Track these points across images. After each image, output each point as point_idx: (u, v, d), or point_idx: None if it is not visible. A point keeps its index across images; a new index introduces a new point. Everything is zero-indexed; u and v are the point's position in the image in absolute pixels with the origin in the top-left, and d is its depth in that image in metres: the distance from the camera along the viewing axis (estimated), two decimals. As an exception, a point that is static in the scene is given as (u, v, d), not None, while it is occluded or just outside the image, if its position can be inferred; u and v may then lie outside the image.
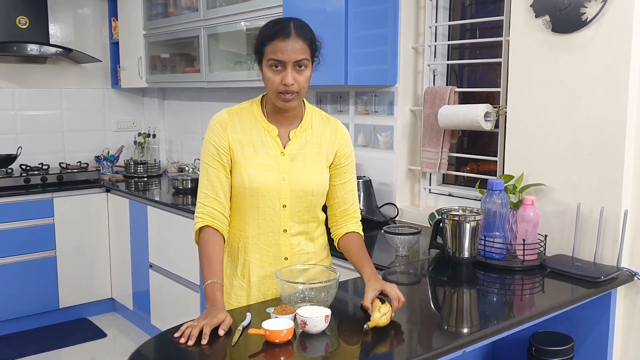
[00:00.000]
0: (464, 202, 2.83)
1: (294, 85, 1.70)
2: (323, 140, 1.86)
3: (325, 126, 1.88)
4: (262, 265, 1.86)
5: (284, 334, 1.43)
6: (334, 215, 1.93)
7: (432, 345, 1.52)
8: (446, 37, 2.97)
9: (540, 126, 2.23)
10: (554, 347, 1.95)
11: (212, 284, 1.65)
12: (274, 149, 1.81)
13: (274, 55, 1.68)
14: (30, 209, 3.97)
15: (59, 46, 4.24)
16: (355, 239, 1.89)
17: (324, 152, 1.85)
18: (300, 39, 1.69)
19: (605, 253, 2.09)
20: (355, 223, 1.92)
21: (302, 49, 1.69)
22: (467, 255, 2.08)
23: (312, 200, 1.84)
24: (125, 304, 4.22)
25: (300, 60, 1.69)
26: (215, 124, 1.82)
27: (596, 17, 2.03)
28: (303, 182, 1.81)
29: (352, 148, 1.93)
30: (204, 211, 1.80)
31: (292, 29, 1.68)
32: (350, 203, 1.91)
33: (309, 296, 1.64)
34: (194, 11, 3.75)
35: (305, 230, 1.88)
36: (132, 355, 1.43)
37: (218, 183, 1.80)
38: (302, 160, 1.82)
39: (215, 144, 1.79)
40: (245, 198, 1.80)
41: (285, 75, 1.69)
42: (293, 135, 1.83)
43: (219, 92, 4.22)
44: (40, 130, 4.52)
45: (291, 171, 1.80)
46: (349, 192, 1.91)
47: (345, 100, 3.24)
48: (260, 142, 1.80)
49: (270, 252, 1.85)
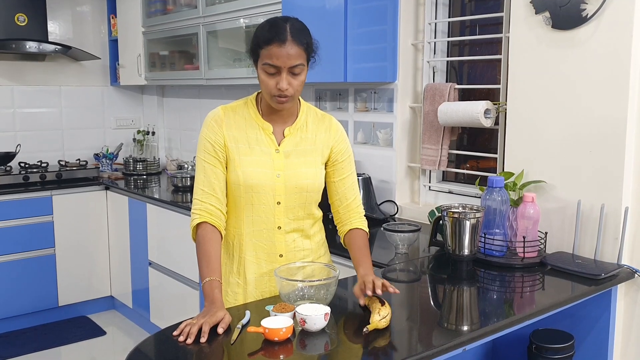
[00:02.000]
0: (464, 199, 2.82)
1: (289, 89, 1.70)
2: (318, 137, 1.87)
3: (319, 124, 1.89)
4: (258, 263, 1.86)
5: (283, 332, 1.43)
6: (337, 212, 1.93)
7: (432, 343, 1.51)
8: (446, 33, 2.96)
9: (540, 123, 2.23)
10: (554, 345, 1.94)
11: (211, 282, 1.65)
12: (269, 146, 1.82)
13: (269, 60, 1.68)
14: (30, 206, 3.96)
15: (57, 43, 4.23)
16: (357, 236, 1.89)
17: (319, 149, 1.86)
18: (296, 44, 1.67)
19: (605, 250, 2.08)
20: (358, 219, 1.92)
21: (298, 55, 1.68)
22: (467, 253, 2.07)
23: (307, 197, 1.84)
24: (125, 301, 4.21)
25: (295, 66, 1.69)
26: (211, 120, 1.82)
27: (596, 14, 2.02)
28: (298, 178, 1.81)
29: (349, 144, 1.94)
30: (201, 207, 1.79)
31: (288, 34, 1.66)
32: (352, 198, 1.92)
33: (308, 294, 1.64)
34: (193, 8, 3.75)
35: (300, 227, 1.88)
36: (132, 353, 1.42)
37: (215, 179, 1.80)
38: (297, 157, 1.83)
39: (211, 141, 1.80)
40: (240, 195, 1.81)
41: (279, 80, 1.69)
42: (288, 132, 1.84)
43: (218, 90, 4.21)
44: (39, 127, 4.52)
45: (286, 168, 1.81)
46: (350, 188, 1.92)
47: (345, 98, 3.23)
48: (255, 139, 1.81)
49: (265, 249, 1.85)
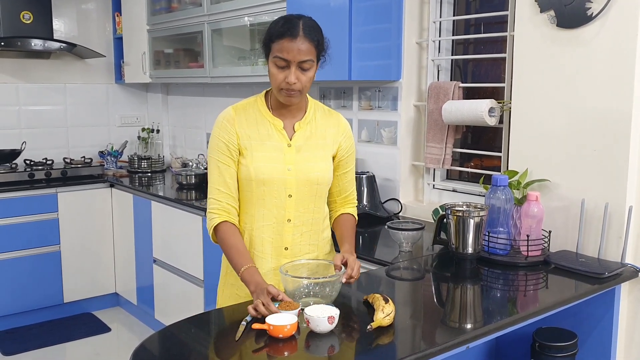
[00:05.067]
0: (468, 197, 2.82)
1: (297, 84, 1.74)
2: (328, 132, 1.92)
3: (328, 119, 1.94)
4: (264, 257, 1.88)
5: (288, 329, 1.44)
6: (334, 201, 2.02)
7: (436, 341, 1.52)
8: (450, 32, 2.96)
9: (544, 122, 2.23)
10: (557, 343, 1.95)
11: (248, 269, 1.72)
12: (281, 141, 1.85)
13: (279, 54, 1.72)
14: (35, 204, 3.98)
15: (62, 41, 4.24)
16: (347, 219, 1.99)
17: (329, 144, 1.92)
18: (307, 40, 1.72)
19: (609, 249, 2.08)
20: (352, 207, 2.03)
21: (308, 50, 1.72)
22: (470, 251, 2.08)
23: (317, 190, 1.88)
24: (129, 298, 4.23)
25: (304, 61, 1.73)
26: (223, 120, 1.86)
27: (602, 12, 2.02)
28: (309, 171, 1.86)
29: (353, 140, 2.01)
30: (219, 206, 1.84)
31: (300, 30, 1.71)
32: (350, 191, 2.02)
33: (313, 291, 1.65)
34: (198, 6, 3.75)
35: (309, 220, 1.90)
36: (136, 350, 1.43)
37: (230, 178, 1.84)
38: (308, 150, 1.87)
39: (225, 140, 1.84)
40: (252, 190, 1.84)
41: (288, 74, 1.73)
42: (298, 127, 1.88)
43: (223, 88, 4.22)
44: (44, 125, 4.53)
45: (297, 161, 1.85)
46: (350, 181, 2.02)
47: (349, 96, 3.23)
48: (266, 135, 1.85)
49: (272, 242, 1.88)
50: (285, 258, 1.87)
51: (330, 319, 1.47)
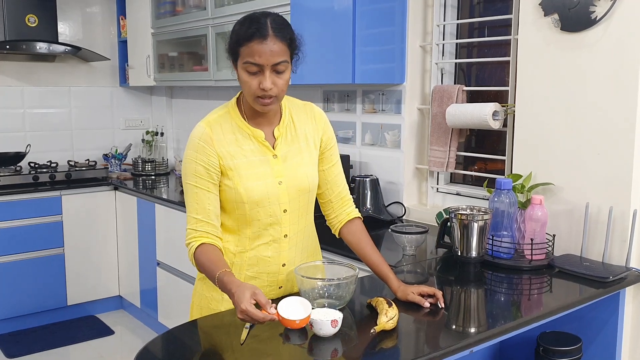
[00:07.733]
0: (472, 201, 2.82)
1: (273, 89, 1.60)
2: (307, 129, 1.80)
3: (303, 115, 1.81)
4: (259, 277, 1.77)
5: (298, 323, 1.42)
6: (329, 201, 1.86)
7: (439, 345, 1.51)
8: (454, 35, 2.96)
9: (548, 125, 2.22)
10: (561, 347, 1.94)
11: (222, 274, 1.53)
12: (265, 153, 1.72)
13: (250, 59, 1.58)
14: (39, 206, 3.99)
15: (67, 44, 4.25)
16: (361, 231, 1.84)
17: (311, 142, 1.80)
18: (278, 39, 1.58)
19: (614, 253, 2.07)
20: (353, 207, 1.88)
21: (281, 51, 1.58)
22: (474, 255, 2.07)
23: (309, 197, 1.80)
24: (133, 301, 4.23)
25: (279, 63, 1.59)
26: (198, 141, 1.67)
27: (605, 16, 2.02)
28: (300, 181, 1.75)
29: (331, 127, 1.87)
30: (196, 235, 1.67)
31: (269, 29, 1.57)
32: (342, 186, 1.87)
33: (328, 292, 1.64)
34: (202, 10, 3.76)
35: (302, 230, 1.82)
36: (140, 352, 1.43)
37: (210, 205, 1.68)
38: (293, 157, 1.76)
39: (204, 164, 1.66)
40: (245, 212, 1.71)
41: (263, 80, 1.59)
42: (277, 133, 1.75)
43: (227, 91, 4.23)
44: (48, 128, 4.54)
45: (286, 173, 1.73)
46: (339, 175, 1.86)
47: (353, 99, 3.23)
48: (250, 150, 1.71)
49: (269, 260, 1.77)
50: (281, 275, 1.79)
51: (334, 323, 1.46)
